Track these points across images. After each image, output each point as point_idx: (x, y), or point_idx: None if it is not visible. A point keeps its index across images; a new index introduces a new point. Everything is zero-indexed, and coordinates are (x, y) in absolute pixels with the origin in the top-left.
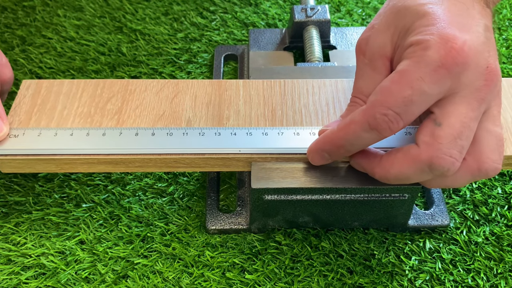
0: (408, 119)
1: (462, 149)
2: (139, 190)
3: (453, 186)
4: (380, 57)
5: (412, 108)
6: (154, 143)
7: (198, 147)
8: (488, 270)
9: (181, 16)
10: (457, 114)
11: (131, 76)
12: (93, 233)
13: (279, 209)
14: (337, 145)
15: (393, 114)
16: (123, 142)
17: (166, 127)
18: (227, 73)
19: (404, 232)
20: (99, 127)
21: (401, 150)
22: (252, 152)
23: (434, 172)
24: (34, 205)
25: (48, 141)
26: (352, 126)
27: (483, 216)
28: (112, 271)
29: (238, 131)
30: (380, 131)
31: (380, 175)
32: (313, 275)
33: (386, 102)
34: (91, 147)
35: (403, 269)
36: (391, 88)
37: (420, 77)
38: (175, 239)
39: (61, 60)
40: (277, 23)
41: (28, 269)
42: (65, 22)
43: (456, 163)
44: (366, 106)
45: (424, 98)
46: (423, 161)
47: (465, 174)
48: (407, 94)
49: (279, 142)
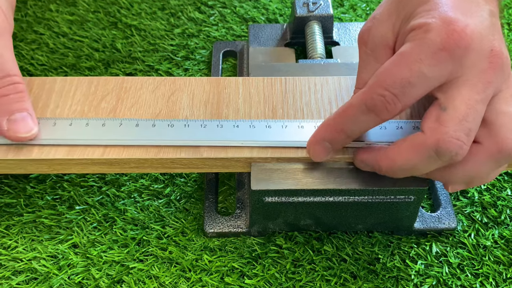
0: (406, 101)
1: (469, 132)
2: (134, 191)
3: (479, 177)
4: (383, 47)
5: (410, 90)
6: (155, 134)
7: (200, 139)
8: (497, 275)
9: (178, 11)
10: (462, 97)
11: (126, 73)
12: (86, 236)
13: (280, 212)
14: (337, 131)
15: (390, 95)
16: (123, 133)
17: (167, 119)
18: (226, 70)
19: (410, 236)
20: (99, 118)
21: (407, 139)
22: (254, 145)
23: (441, 157)
24: (26, 207)
25: (47, 131)
26: (351, 109)
27: (492, 219)
28: (106, 276)
29: (240, 124)
30: (378, 112)
31: (387, 167)
32: (315, 280)
33: (383, 83)
34: (91, 138)
35: (409, 273)
36: (389, 69)
37: (419, 59)
38: (172, 243)
39: (54, 57)
40: (278, 18)
41: (19, 274)
42: (58, 17)
43: (464, 147)
44: (364, 89)
45: (423, 80)
46: (430, 146)
47: (486, 160)
48: (405, 75)
49: (282, 135)
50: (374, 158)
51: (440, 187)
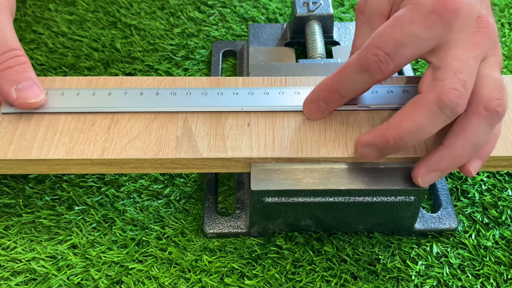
0: (398, 61)
1: (465, 84)
2: (134, 192)
3: (481, 143)
4: (378, 15)
5: (402, 50)
6: (158, 102)
7: (201, 105)
8: (498, 276)
9: (177, 10)
10: (453, 55)
11: (126, 73)
12: (86, 237)
13: (280, 212)
14: (331, 90)
15: (383, 54)
16: (128, 100)
17: (170, 87)
18: (225, 70)
19: (410, 236)
20: (105, 88)
21: (408, 104)
22: (253, 110)
23: (444, 110)
24: (25, 208)
25: (55, 100)
26: (346, 69)
27: (493, 219)
28: (105, 277)
29: (240, 91)
30: (371, 72)
31: (394, 136)
32: (316, 281)
33: (377, 43)
34: (97, 105)
35: (409, 274)
36: (383, 30)
37: (411, 21)
38: (172, 243)
39: (53, 57)
40: (278, 18)
41: (18, 275)
42: (57, 16)
43: (462, 97)
44: (360, 49)
45: (414, 41)
46: (431, 101)
47: (478, 122)
48: (398, 35)
49: (280, 101)
50: (378, 134)
51: (441, 187)
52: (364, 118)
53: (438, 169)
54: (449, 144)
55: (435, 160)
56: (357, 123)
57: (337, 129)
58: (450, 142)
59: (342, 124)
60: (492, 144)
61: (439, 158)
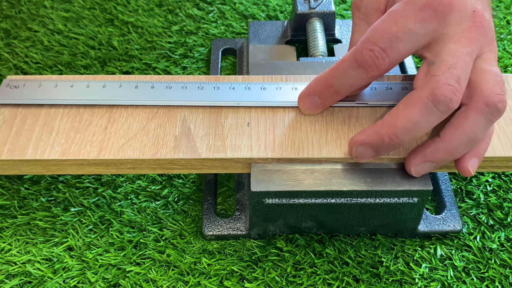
0: (394, 57)
1: (459, 79)
2: (131, 193)
3: (478, 139)
4: (374, 11)
5: (398, 44)
6: (153, 95)
7: (197, 99)
8: (504, 279)
9: (176, 7)
10: (448, 50)
11: (123, 71)
12: (82, 239)
13: (281, 214)
14: (326, 85)
15: (378, 49)
16: (123, 93)
17: (166, 81)
18: (225, 68)
19: (414, 238)
20: (99, 80)
21: (402, 101)
22: (250, 105)
23: (438, 106)
24: (20, 209)
25: (49, 92)
26: (342, 64)
27: (498, 221)
28: (102, 280)
29: (236, 86)
30: (366, 68)
31: (389, 134)
32: (317, 284)
33: (372, 38)
34: (92, 98)
35: (413, 277)
36: (378, 25)
37: (405, 15)
38: (170, 246)
39: (48, 55)
40: (279, 15)
41: (13, 277)
42: (53, 14)
43: (456, 92)
44: (356, 45)
45: (409, 36)
46: (425, 97)
47: (477, 117)
48: (392, 30)
49: (277, 96)
50: (373, 132)
51: (445, 188)
52: (366, 118)
53: (432, 160)
54: (446, 137)
55: (430, 151)
56: (359, 123)
57: (339, 129)
58: (447, 135)
59: (344, 124)
60: (487, 142)
61: (434, 150)
